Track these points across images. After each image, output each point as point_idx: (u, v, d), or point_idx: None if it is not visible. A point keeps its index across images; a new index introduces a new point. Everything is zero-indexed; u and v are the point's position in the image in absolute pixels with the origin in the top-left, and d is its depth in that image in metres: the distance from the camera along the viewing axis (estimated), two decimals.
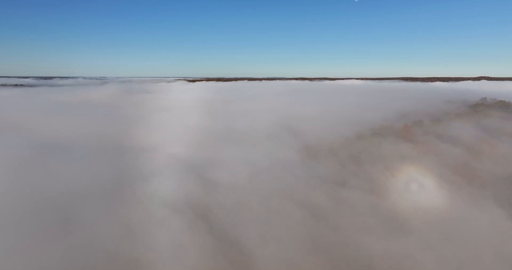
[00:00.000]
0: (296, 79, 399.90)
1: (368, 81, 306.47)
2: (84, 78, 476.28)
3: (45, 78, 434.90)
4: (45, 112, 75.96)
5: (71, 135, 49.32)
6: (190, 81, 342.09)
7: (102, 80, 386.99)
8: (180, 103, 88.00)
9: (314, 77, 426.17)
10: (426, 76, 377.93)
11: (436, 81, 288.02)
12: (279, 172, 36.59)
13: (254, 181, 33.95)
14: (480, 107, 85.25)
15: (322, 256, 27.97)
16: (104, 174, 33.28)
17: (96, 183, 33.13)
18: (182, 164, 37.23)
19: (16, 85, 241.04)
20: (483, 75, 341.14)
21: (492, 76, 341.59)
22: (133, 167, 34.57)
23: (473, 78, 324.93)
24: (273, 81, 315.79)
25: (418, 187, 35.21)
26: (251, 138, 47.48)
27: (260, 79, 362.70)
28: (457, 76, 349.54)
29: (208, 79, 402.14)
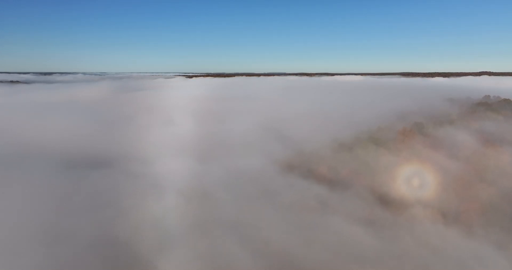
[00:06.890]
0: (296, 74, 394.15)
1: (368, 77, 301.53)
2: (84, 74, 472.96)
3: (45, 74, 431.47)
4: (23, 113, 71.85)
5: (38, 141, 45.20)
6: (188, 77, 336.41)
7: (102, 76, 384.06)
8: (168, 103, 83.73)
9: (314, 72, 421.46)
10: (426, 71, 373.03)
11: (436, 76, 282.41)
12: (244, 186, 31.58)
13: (207, 203, 28.80)
14: (484, 107, 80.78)
15: None
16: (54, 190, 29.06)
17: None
18: (150, 179, 33.14)
19: (12, 81, 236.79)
20: (484, 70, 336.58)
21: (494, 71, 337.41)
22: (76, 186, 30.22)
23: (474, 73, 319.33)
24: (272, 77, 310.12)
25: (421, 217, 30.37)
26: (232, 146, 43.24)
27: (259, 75, 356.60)
28: (458, 71, 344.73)
29: (207, 75, 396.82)
